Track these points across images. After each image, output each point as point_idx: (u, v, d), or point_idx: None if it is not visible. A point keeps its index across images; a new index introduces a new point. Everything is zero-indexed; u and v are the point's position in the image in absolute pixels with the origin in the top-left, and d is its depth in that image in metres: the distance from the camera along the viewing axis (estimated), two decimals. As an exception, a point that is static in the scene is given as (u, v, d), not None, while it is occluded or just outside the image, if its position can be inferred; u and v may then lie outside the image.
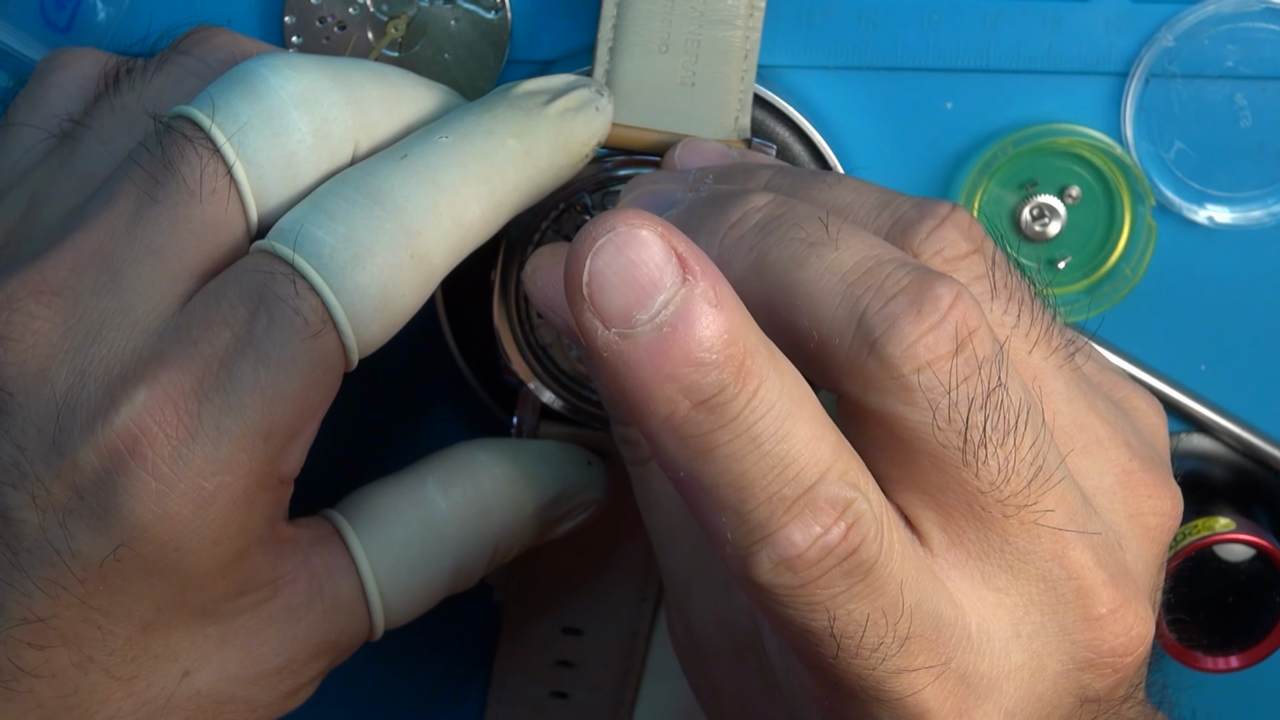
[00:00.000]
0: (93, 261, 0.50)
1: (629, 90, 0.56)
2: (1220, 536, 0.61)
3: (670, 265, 0.41)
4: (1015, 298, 0.48)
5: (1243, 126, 0.60)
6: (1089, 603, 0.46)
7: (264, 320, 0.49)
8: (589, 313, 0.41)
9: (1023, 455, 0.45)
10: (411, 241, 0.50)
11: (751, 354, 0.42)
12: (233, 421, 0.49)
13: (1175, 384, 0.62)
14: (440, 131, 0.52)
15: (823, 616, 0.43)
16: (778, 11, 0.59)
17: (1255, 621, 0.62)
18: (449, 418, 0.64)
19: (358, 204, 0.50)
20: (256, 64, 0.51)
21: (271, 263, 0.49)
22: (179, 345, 0.49)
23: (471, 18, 0.59)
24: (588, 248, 0.41)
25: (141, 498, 0.48)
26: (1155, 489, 0.49)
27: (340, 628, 0.53)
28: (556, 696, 0.66)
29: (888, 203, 0.49)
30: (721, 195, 0.49)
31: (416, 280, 0.51)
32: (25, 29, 0.59)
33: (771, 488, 0.42)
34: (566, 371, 0.59)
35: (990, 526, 0.45)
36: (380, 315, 0.50)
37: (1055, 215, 0.61)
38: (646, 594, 0.65)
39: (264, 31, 0.59)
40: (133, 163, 0.51)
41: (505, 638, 0.66)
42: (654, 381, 0.41)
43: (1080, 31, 0.59)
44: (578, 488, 0.58)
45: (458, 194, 0.51)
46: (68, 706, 0.50)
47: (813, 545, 0.42)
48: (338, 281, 0.49)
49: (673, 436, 0.42)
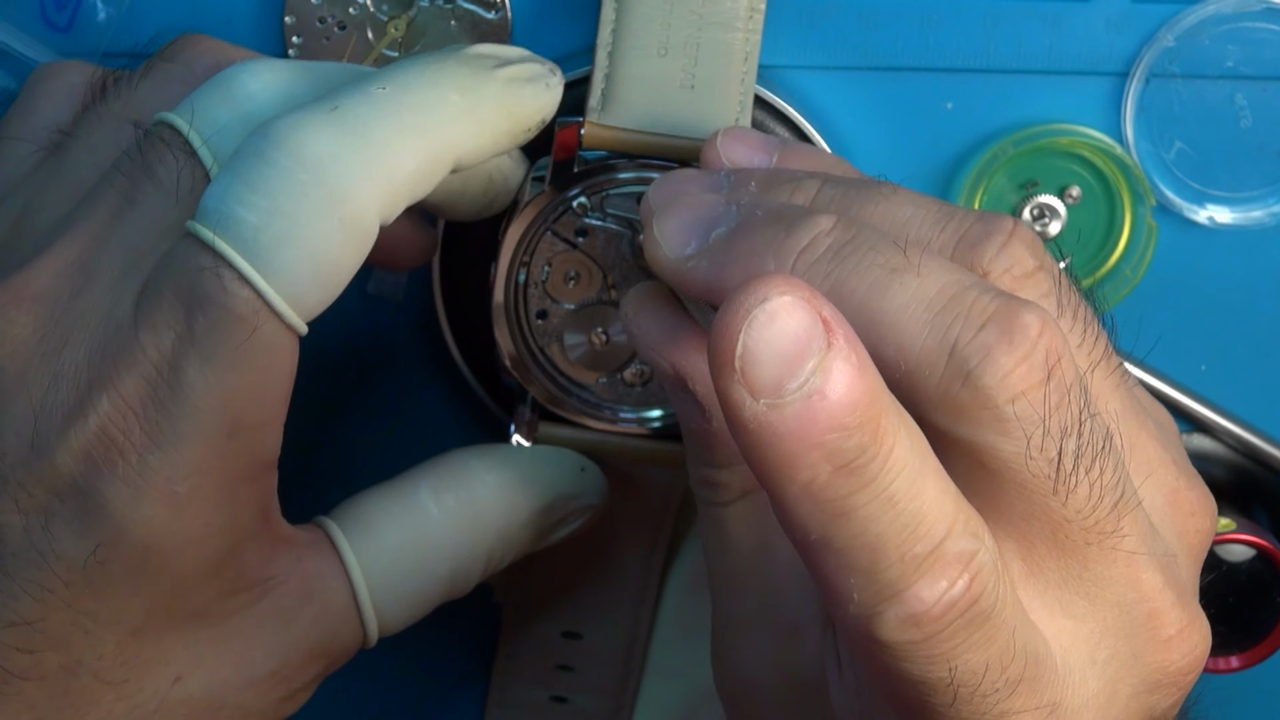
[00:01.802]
0: (74, 266, 0.50)
1: (628, 93, 0.56)
2: (1221, 537, 0.61)
3: (817, 330, 0.40)
4: (1080, 316, 0.48)
5: (1243, 126, 0.60)
6: (1159, 624, 0.46)
7: (200, 319, 0.48)
8: (738, 385, 0.40)
9: (1108, 482, 0.45)
10: (340, 204, 0.48)
11: (886, 413, 0.41)
12: (190, 425, 0.48)
13: (1175, 384, 0.62)
14: (378, 81, 0.50)
15: (943, 668, 0.43)
16: (778, 12, 0.59)
17: (1256, 622, 0.62)
18: (448, 419, 0.63)
19: (279, 166, 0.48)
20: (236, 70, 0.51)
21: (198, 253, 0.48)
22: (129, 350, 0.49)
23: (471, 18, 0.59)
24: (740, 321, 0.40)
25: (117, 502, 0.48)
26: (1198, 506, 0.48)
27: (332, 633, 0.53)
28: (556, 700, 0.66)
29: (949, 215, 0.48)
30: (780, 214, 0.48)
31: (350, 244, 0.49)
32: (25, 29, 0.59)
33: (904, 546, 0.42)
34: (565, 373, 0.59)
35: (1071, 554, 0.45)
36: (317, 286, 0.49)
37: (1055, 215, 0.61)
38: (645, 598, 0.65)
39: (264, 31, 0.59)
40: (115, 170, 0.51)
41: (504, 641, 0.65)
42: (800, 450, 0.41)
43: (1080, 31, 0.59)
44: (572, 494, 0.58)
45: (389, 147, 0.49)
46: (58, 708, 0.49)
47: (939, 601, 0.42)
48: (266, 264, 0.48)
49: (810, 503, 0.41)
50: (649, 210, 0.50)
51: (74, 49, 0.59)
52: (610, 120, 0.56)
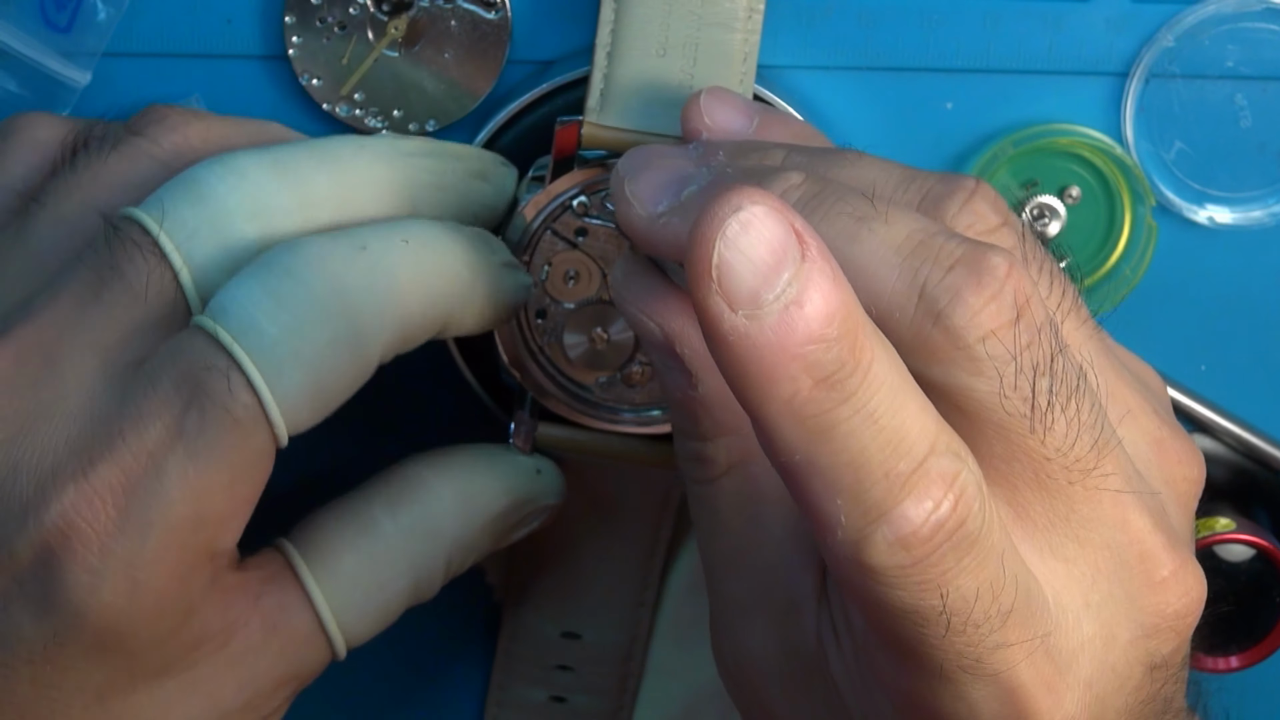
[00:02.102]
0: (34, 355, 0.50)
1: (626, 94, 0.56)
2: (1220, 537, 0.61)
3: (791, 241, 0.40)
4: (1045, 269, 0.48)
5: (1243, 126, 0.60)
6: (1151, 567, 0.46)
7: (195, 415, 0.49)
8: (715, 296, 0.40)
9: (1085, 419, 0.45)
10: (355, 339, 0.50)
11: (863, 328, 0.41)
12: (160, 515, 0.49)
13: (1175, 384, 0.62)
14: (402, 233, 0.52)
15: (934, 595, 0.43)
16: (777, 12, 0.59)
17: (1255, 622, 0.62)
18: (447, 418, 0.63)
19: (309, 288, 0.50)
20: (204, 171, 0.52)
21: (209, 350, 0.49)
22: (109, 439, 0.49)
23: (471, 18, 0.59)
24: (716, 229, 0.40)
25: (75, 589, 0.49)
26: (1184, 455, 0.49)
27: (300, 659, 0.54)
28: (555, 700, 0.66)
29: (912, 178, 0.49)
30: (751, 170, 0.49)
31: (354, 376, 0.51)
32: (25, 29, 0.59)
33: (888, 463, 0.42)
34: (565, 373, 0.59)
35: (1056, 495, 0.45)
36: (313, 407, 0.50)
37: (1055, 215, 0.61)
38: (645, 598, 0.65)
39: (264, 31, 0.59)
40: (81, 263, 0.51)
41: (504, 641, 0.65)
42: (780, 362, 0.41)
43: (1080, 31, 0.59)
44: (528, 498, 0.58)
45: (407, 296, 0.51)
46: None
47: (927, 521, 0.42)
48: (275, 377, 0.49)
49: (793, 418, 0.41)
50: (619, 177, 0.51)
51: (74, 49, 0.59)
52: (609, 120, 0.56)
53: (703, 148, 0.52)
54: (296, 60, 0.59)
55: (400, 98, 0.59)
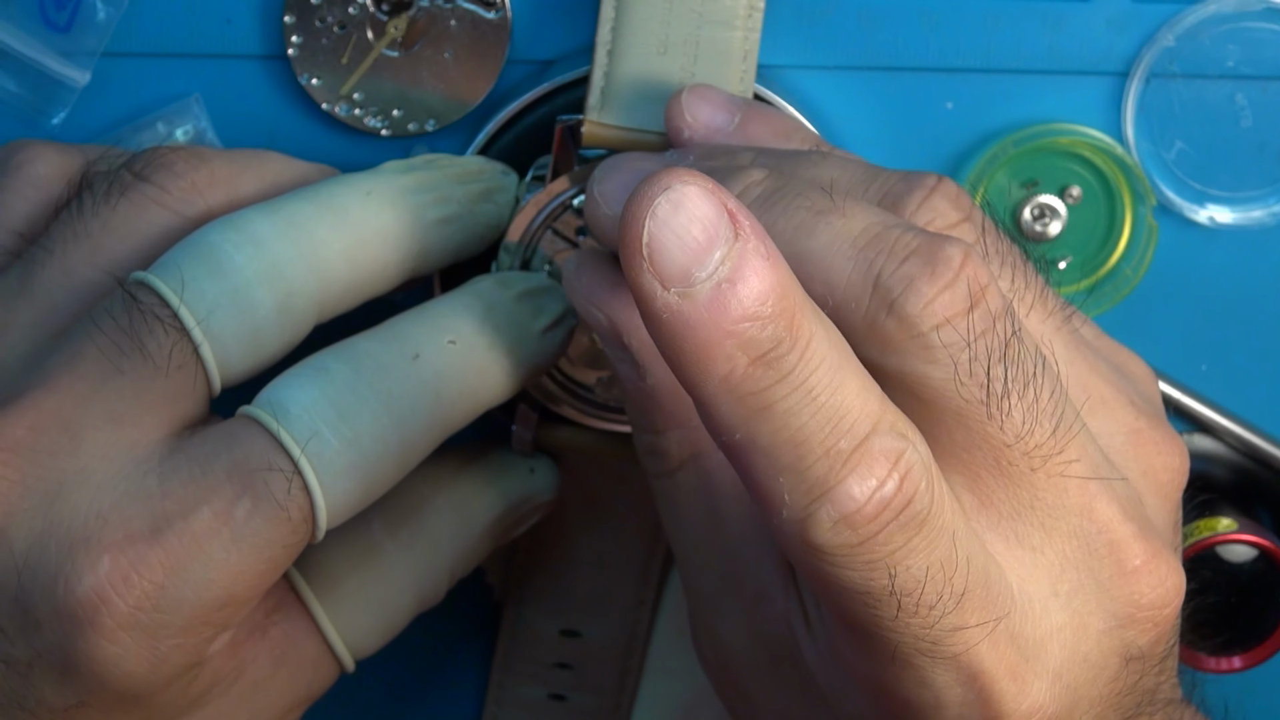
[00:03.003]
0: (53, 422, 0.50)
1: (627, 92, 0.56)
2: (1223, 537, 0.61)
3: (723, 220, 0.40)
4: (1008, 262, 0.48)
5: (1243, 126, 0.60)
6: (1122, 556, 0.46)
7: (247, 506, 0.50)
8: (648, 274, 0.40)
9: (1043, 405, 0.45)
10: (405, 450, 0.52)
11: (801, 307, 0.42)
12: (195, 595, 0.50)
13: (1176, 384, 0.62)
14: (448, 332, 0.53)
15: (883, 574, 0.43)
16: (777, 11, 0.59)
17: (1258, 622, 0.62)
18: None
19: (369, 406, 0.51)
20: (221, 239, 0.52)
21: (271, 451, 0.50)
22: (150, 517, 0.49)
23: (471, 18, 0.59)
24: (645, 207, 0.40)
25: (99, 660, 0.49)
26: (1163, 445, 0.49)
27: (309, 682, 0.55)
28: (554, 698, 0.66)
29: (874, 176, 0.50)
30: (714, 170, 0.49)
31: (397, 478, 0.52)
32: (25, 29, 0.59)
33: (829, 440, 0.42)
34: (565, 372, 0.59)
35: (1018, 482, 0.45)
36: (356, 508, 0.51)
37: (1056, 215, 0.61)
38: (645, 596, 0.65)
39: (264, 31, 0.59)
40: (96, 327, 0.51)
41: (503, 639, 0.65)
42: (714, 339, 0.41)
43: (1080, 31, 0.59)
44: (524, 498, 0.59)
45: (454, 407, 0.53)
46: None
47: (871, 499, 0.42)
48: (330, 486, 0.50)
49: (730, 396, 0.42)
50: (591, 181, 0.52)
51: (74, 49, 0.59)
52: (610, 119, 0.56)
53: (677, 154, 0.53)
54: (296, 60, 0.59)
55: (400, 98, 0.59)
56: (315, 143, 0.60)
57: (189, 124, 0.60)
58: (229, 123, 0.60)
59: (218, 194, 0.54)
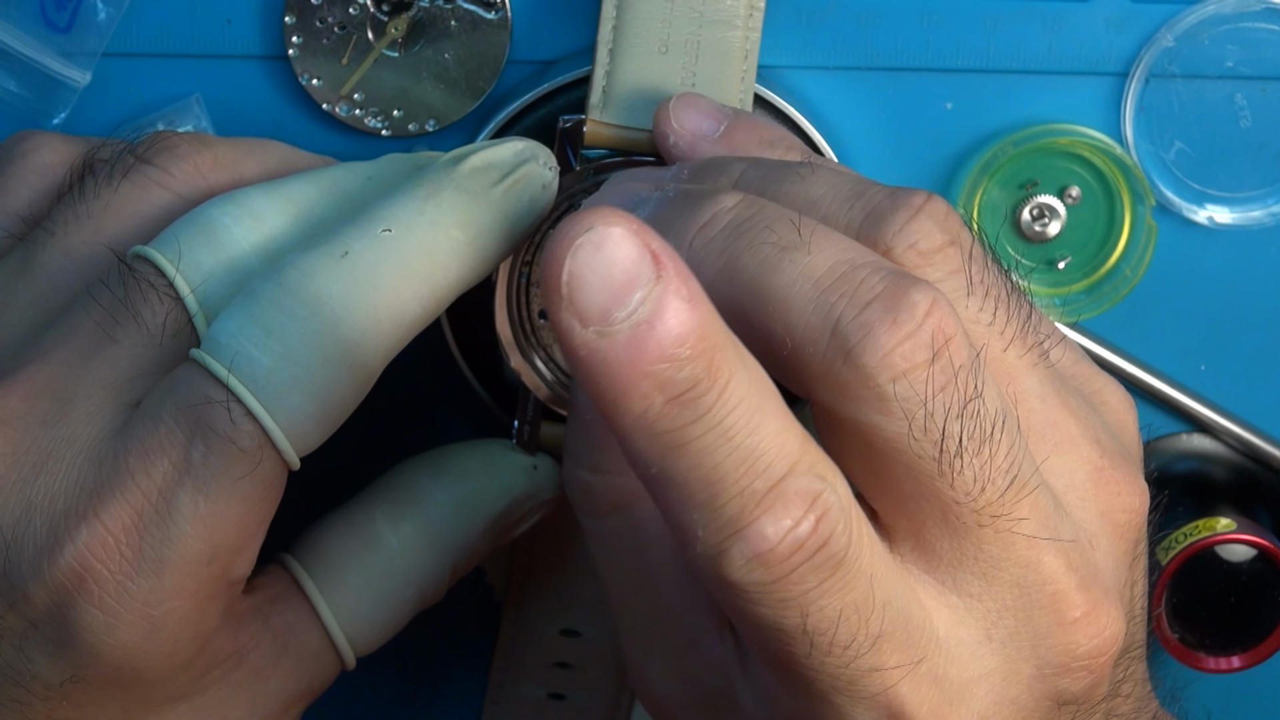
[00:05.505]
0: (46, 392, 0.50)
1: (628, 92, 0.56)
2: (1221, 537, 0.61)
3: (645, 262, 0.40)
4: (992, 294, 0.48)
5: (1243, 126, 0.60)
6: (1062, 608, 0.46)
7: (200, 449, 0.49)
8: (567, 312, 0.40)
9: (998, 465, 0.45)
10: (350, 352, 0.50)
11: (721, 349, 0.41)
12: (174, 552, 0.49)
13: (1175, 384, 0.62)
14: (381, 221, 0.51)
15: (795, 613, 0.43)
16: (778, 12, 0.59)
17: (1257, 621, 0.62)
18: (449, 418, 0.63)
19: (294, 314, 0.49)
20: (217, 212, 0.51)
21: (206, 384, 0.49)
22: (117, 477, 0.49)
23: (471, 18, 0.59)
24: (565, 247, 0.40)
25: (91, 629, 0.49)
26: (1124, 485, 0.48)
27: (310, 675, 0.54)
28: (554, 698, 0.66)
29: (861, 193, 0.49)
30: (690, 195, 0.49)
31: (355, 387, 0.50)
32: (25, 29, 0.59)
33: (743, 481, 0.42)
34: (567, 372, 0.59)
35: (964, 535, 0.45)
36: (319, 426, 0.50)
37: (1055, 215, 0.61)
38: (646, 596, 0.65)
39: (264, 31, 0.59)
40: (92, 299, 0.51)
41: (503, 638, 0.65)
42: (630, 379, 0.41)
43: (1080, 31, 0.59)
44: (527, 495, 0.58)
45: (398, 294, 0.50)
46: None
47: (784, 539, 0.42)
48: (275, 405, 0.49)
49: (646, 434, 0.42)
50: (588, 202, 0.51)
51: (74, 49, 0.59)
52: (611, 118, 0.56)
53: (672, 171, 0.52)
54: (296, 60, 0.59)
55: (400, 98, 0.59)
56: (315, 143, 0.60)
57: (189, 124, 0.60)
58: (229, 123, 0.61)
59: (220, 177, 0.54)
